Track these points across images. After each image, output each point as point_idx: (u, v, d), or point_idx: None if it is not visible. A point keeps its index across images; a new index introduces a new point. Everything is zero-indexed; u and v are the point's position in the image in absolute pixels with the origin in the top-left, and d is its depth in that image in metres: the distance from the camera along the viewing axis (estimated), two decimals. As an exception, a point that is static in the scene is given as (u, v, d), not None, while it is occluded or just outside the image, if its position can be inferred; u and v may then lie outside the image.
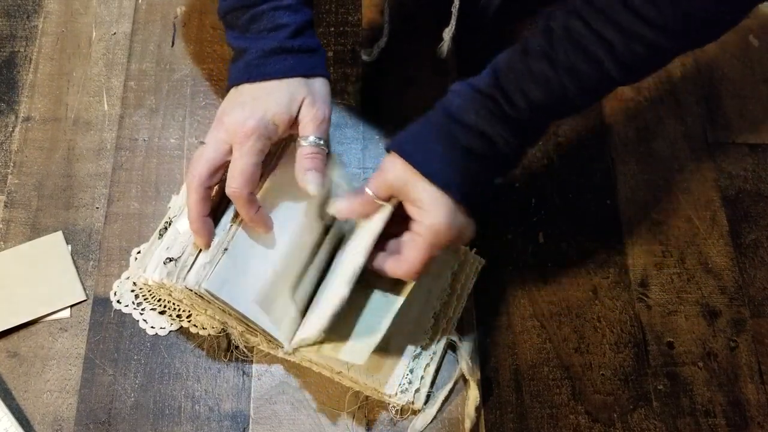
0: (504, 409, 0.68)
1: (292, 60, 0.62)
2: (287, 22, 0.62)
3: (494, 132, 0.57)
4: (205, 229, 0.61)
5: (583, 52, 0.55)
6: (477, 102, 0.58)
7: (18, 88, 0.80)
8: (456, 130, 0.58)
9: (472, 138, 0.58)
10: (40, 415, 0.65)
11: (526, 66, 0.57)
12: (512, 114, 0.57)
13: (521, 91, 0.57)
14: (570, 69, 0.55)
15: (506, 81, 0.57)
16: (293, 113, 0.62)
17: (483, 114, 0.57)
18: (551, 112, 0.59)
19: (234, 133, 0.60)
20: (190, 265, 0.62)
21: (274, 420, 0.66)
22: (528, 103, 0.57)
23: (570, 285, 0.73)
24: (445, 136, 0.58)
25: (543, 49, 0.56)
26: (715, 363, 0.71)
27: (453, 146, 0.58)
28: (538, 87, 0.56)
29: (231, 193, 0.60)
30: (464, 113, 0.58)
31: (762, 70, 0.86)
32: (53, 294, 0.70)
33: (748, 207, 0.79)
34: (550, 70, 0.56)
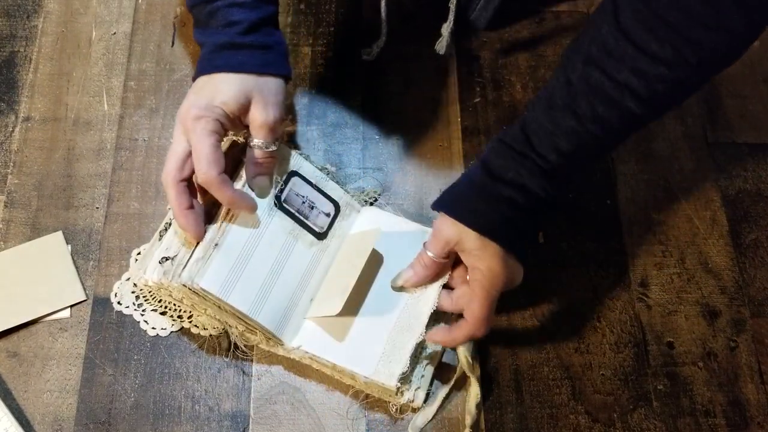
0: (504, 409, 0.68)
1: (242, 56, 0.63)
2: (239, 19, 0.64)
3: (535, 186, 0.60)
4: (190, 222, 0.62)
5: (606, 101, 0.56)
6: (514, 161, 0.61)
7: (18, 88, 0.80)
8: (498, 186, 0.61)
9: (515, 193, 0.60)
10: (40, 415, 0.65)
11: (552, 123, 0.59)
12: (547, 168, 0.60)
13: (552, 147, 0.59)
14: (596, 119, 0.57)
15: (537, 140, 0.60)
16: (242, 103, 0.63)
17: (522, 172, 0.60)
18: (585, 157, 0.62)
19: (185, 122, 0.62)
20: (185, 262, 0.62)
21: (274, 420, 0.66)
22: (562, 156, 0.59)
23: (570, 285, 0.74)
24: (488, 193, 0.61)
25: (565, 102, 0.58)
26: (715, 363, 0.71)
27: (497, 200, 0.61)
28: (568, 140, 0.59)
29: (202, 181, 0.61)
30: (505, 172, 0.61)
31: (762, 70, 0.86)
32: (53, 294, 0.70)
33: (748, 207, 0.79)
34: (576, 123, 0.58)
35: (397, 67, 0.83)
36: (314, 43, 0.84)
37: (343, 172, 0.77)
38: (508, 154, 0.61)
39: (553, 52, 0.85)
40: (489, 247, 0.61)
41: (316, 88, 0.81)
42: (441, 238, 0.63)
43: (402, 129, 0.80)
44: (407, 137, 0.80)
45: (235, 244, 0.63)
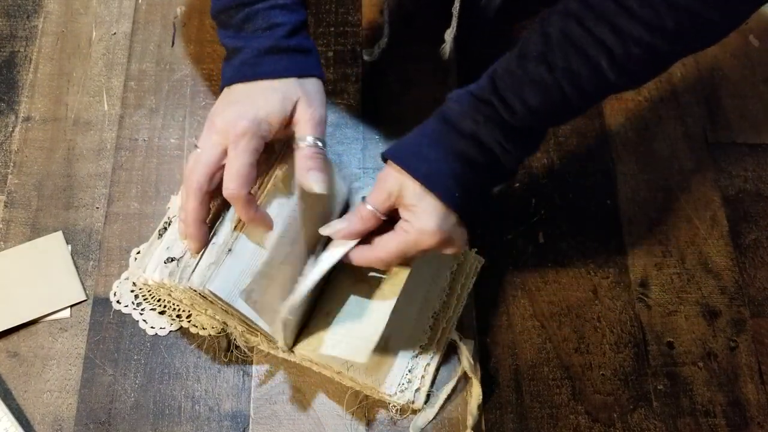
0: (504, 409, 0.68)
1: (287, 60, 0.62)
2: (283, 21, 0.62)
3: (491, 139, 0.57)
4: (200, 234, 0.61)
5: (581, 56, 0.54)
6: (474, 108, 0.57)
7: (18, 88, 0.80)
8: (452, 136, 0.58)
9: (468, 145, 0.57)
10: (40, 415, 0.65)
11: (523, 70, 0.56)
12: (510, 120, 0.57)
13: (519, 97, 0.56)
14: (568, 73, 0.55)
15: (503, 86, 0.57)
16: (287, 112, 0.61)
17: (480, 120, 0.57)
18: (549, 118, 0.59)
19: (227, 133, 0.59)
20: (194, 266, 0.61)
21: (274, 420, 0.66)
22: (526, 108, 0.56)
23: (570, 285, 0.74)
24: (440, 141, 0.58)
25: (540, 53, 0.56)
26: (715, 363, 0.71)
27: (447, 152, 0.58)
28: (536, 92, 0.56)
29: (228, 195, 0.59)
30: (461, 119, 0.58)
31: (762, 70, 0.86)
32: (53, 294, 0.70)
33: (748, 207, 0.79)
34: (547, 74, 0.55)
35: (397, 67, 0.83)
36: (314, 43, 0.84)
37: (343, 172, 0.77)
38: (468, 100, 0.57)
39: (553, 52, 0.85)
40: (427, 200, 0.57)
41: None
42: (382, 189, 0.59)
43: (402, 129, 0.79)
44: (407, 137, 0.79)
45: (246, 251, 0.62)
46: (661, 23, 0.52)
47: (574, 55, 0.54)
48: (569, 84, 0.55)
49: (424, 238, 0.58)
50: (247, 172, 0.59)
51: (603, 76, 0.55)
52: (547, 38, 0.56)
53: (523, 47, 0.57)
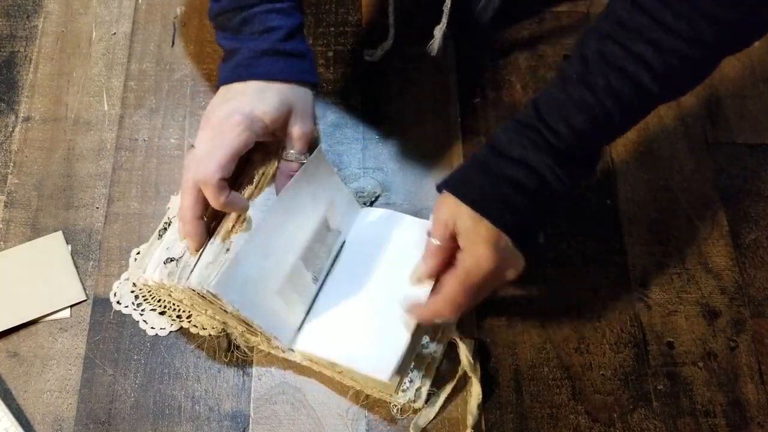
0: (504, 409, 0.68)
1: (283, 63, 0.62)
2: (279, 25, 0.63)
3: (539, 163, 0.57)
4: (197, 232, 0.61)
5: (620, 73, 0.55)
6: (520, 134, 0.58)
7: (18, 88, 0.80)
8: (501, 162, 0.58)
9: (517, 170, 0.58)
10: (40, 415, 0.65)
11: (565, 94, 0.57)
12: (556, 144, 0.57)
13: (563, 120, 0.57)
14: (609, 91, 0.55)
15: (547, 111, 0.57)
16: (282, 116, 0.62)
17: (527, 145, 0.57)
18: (598, 138, 0.60)
19: (220, 126, 0.60)
20: (193, 265, 0.61)
21: (274, 420, 0.66)
22: (571, 130, 0.57)
23: (570, 285, 0.73)
24: (489, 169, 0.59)
25: (580, 75, 0.56)
26: (715, 363, 0.71)
27: (498, 178, 0.58)
28: (580, 113, 0.56)
29: (200, 179, 0.59)
30: (508, 146, 0.58)
31: (762, 70, 0.86)
32: (53, 294, 0.70)
33: (748, 207, 0.79)
34: (589, 95, 0.56)
35: (397, 67, 0.83)
36: (314, 43, 0.84)
37: (343, 172, 0.77)
38: (515, 128, 0.58)
39: (553, 52, 0.85)
40: (481, 227, 0.58)
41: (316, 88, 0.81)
42: (439, 219, 0.60)
43: (402, 129, 0.80)
44: (407, 137, 0.80)
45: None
46: (700, 35, 0.52)
47: (613, 72, 0.55)
48: (612, 102, 0.56)
49: (481, 263, 0.58)
50: (226, 160, 0.59)
51: (646, 90, 0.55)
52: (584, 60, 0.56)
53: (562, 72, 0.58)
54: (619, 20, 0.55)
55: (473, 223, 0.58)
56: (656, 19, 0.53)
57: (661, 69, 0.54)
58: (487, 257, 0.58)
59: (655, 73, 0.54)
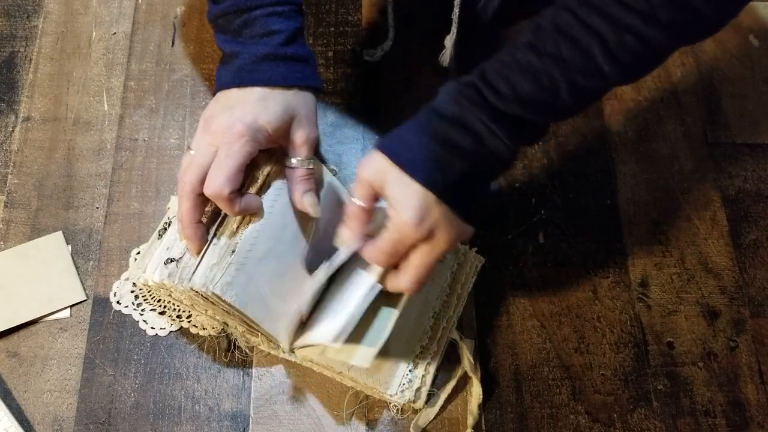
0: (504, 409, 0.68)
1: (284, 68, 0.62)
2: (280, 29, 0.62)
3: (475, 121, 0.55)
4: (197, 236, 0.61)
5: (571, 42, 0.53)
6: (458, 93, 0.56)
7: (18, 88, 0.80)
8: (437, 122, 0.56)
9: (452, 129, 0.55)
10: (40, 415, 0.65)
11: (511, 58, 0.55)
12: (497, 104, 0.55)
13: (506, 81, 0.55)
14: (558, 59, 0.53)
15: (491, 72, 0.56)
16: (286, 124, 0.61)
17: (464, 103, 0.55)
18: (542, 108, 0.56)
19: (222, 136, 0.59)
20: (195, 266, 0.61)
21: (274, 420, 0.66)
22: (513, 91, 0.55)
23: (570, 285, 0.74)
24: (425, 129, 0.56)
25: (529, 41, 0.55)
26: (715, 363, 0.71)
27: (430, 137, 0.56)
28: (525, 77, 0.54)
29: (210, 193, 0.59)
30: (445, 105, 0.56)
31: (762, 70, 0.86)
32: (53, 294, 0.70)
33: (748, 207, 0.79)
34: (536, 60, 0.54)
35: (397, 67, 0.83)
36: (314, 43, 0.84)
37: (343, 172, 0.77)
38: (454, 87, 0.56)
39: (553, 52, 0.85)
40: (410, 187, 0.55)
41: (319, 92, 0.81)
42: (363, 179, 0.57)
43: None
44: (407, 137, 0.79)
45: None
46: (654, 14, 0.51)
47: (564, 42, 0.53)
48: (560, 71, 0.54)
49: (407, 229, 0.55)
50: (234, 174, 0.59)
51: (596, 66, 0.53)
52: (538, 28, 0.55)
53: (514, 42, 0.57)
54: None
55: (401, 183, 0.55)
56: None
57: (614, 45, 0.52)
58: (414, 224, 0.55)
59: (608, 49, 0.53)
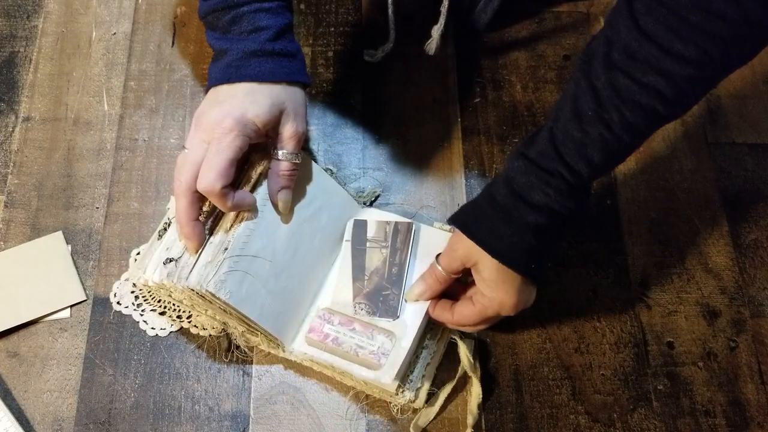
0: (504, 409, 0.68)
1: (272, 63, 0.62)
2: (268, 25, 0.62)
3: (561, 207, 0.58)
4: (195, 234, 0.61)
5: (635, 106, 0.55)
6: (542, 180, 0.58)
7: (18, 88, 0.80)
8: (523, 210, 0.58)
9: (539, 216, 0.58)
10: (40, 415, 0.65)
11: (583, 133, 0.57)
12: (576, 183, 0.58)
13: (584, 160, 0.57)
14: (625, 125, 0.56)
15: (567, 152, 0.57)
16: (274, 117, 0.62)
17: (551, 194, 0.58)
18: (610, 167, 0.61)
19: (212, 131, 0.60)
20: (192, 265, 0.61)
21: (274, 420, 0.66)
22: (590, 168, 0.57)
23: (570, 285, 0.74)
24: (511, 216, 0.59)
25: (595, 112, 0.56)
26: (715, 363, 0.71)
27: (521, 226, 0.59)
28: (598, 150, 0.57)
29: (202, 189, 0.59)
30: (531, 192, 0.58)
31: (762, 70, 0.86)
32: (53, 294, 0.70)
33: (748, 207, 0.79)
34: (607, 132, 0.56)
35: (397, 67, 0.83)
36: (314, 43, 0.84)
37: (343, 172, 0.77)
38: (535, 171, 0.58)
39: (553, 52, 0.85)
40: (507, 279, 0.60)
41: (316, 88, 0.81)
42: (456, 258, 0.62)
43: (402, 129, 0.80)
44: (407, 137, 0.80)
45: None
46: (709, 57, 0.52)
47: (627, 106, 0.55)
48: (628, 134, 0.57)
49: (505, 309, 0.62)
50: (225, 168, 0.59)
51: (658, 116, 0.56)
52: (596, 94, 0.56)
53: (576, 106, 0.57)
54: (627, 50, 0.54)
55: (498, 276, 0.60)
56: (665, 48, 0.53)
57: (673, 96, 0.54)
58: (511, 303, 0.61)
59: (667, 100, 0.55)
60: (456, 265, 0.62)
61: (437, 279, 0.64)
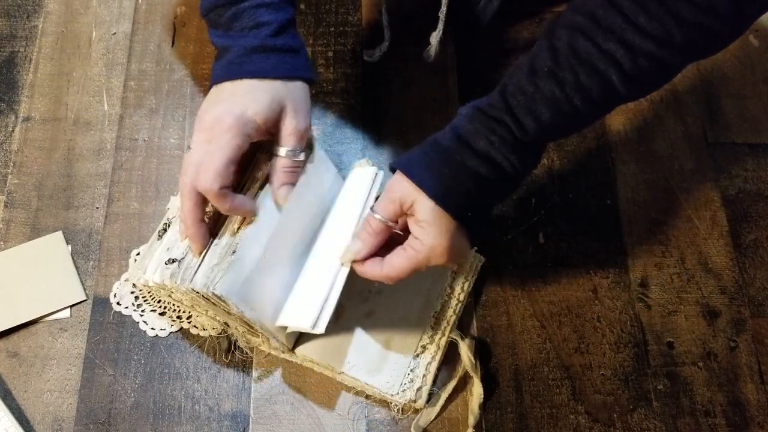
0: (504, 409, 0.68)
1: (274, 59, 0.62)
2: (268, 20, 0.62)
3: (503, 158, 0.58)
4: (200, 235, 0.61)
5: (591, 70, 0.55)
6: (488, 127, 0.58)
7: (18, 88, 0.80)
8: (465, 154, 0.58)
9: (481, 164, 0.58)
10: (40, 415, 0.65)
11: (534, 87, 0.57)
12: (522, 138, 0.58)
13: (532, 115, 0.57)
14: (578, 87, 0.56)
15: (516, 104, 0.57)
16: (275, 114, 0.61)
17: (494, 140, 0.58)
18: (558, 131, 0.60)
19: (211, 130, 0.59)
20: (197, 267, 0.61)
21: (274, 420, 0.66)
22: (538, 124, 0.57)
23: (570, 285, 0.74)
24: (453, 159, 0.58)
25: (550, 69, 0.56)
26: (715, 363, 0.71)
27: (461, 169, 0.58)
28: (548, 107, 0.57)
29: (201, 189, 0.59)
30: (475, 138, 0.58)
31: (762, 70, 0.86)
32: (53, 294, 0.70)
33: (748, 207, 0.79)
34: (558, 90, 0.56)
35: (397, 67, 0.83)
36: (314, 43, 0.84)
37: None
38: (482, 119, 0.58)
39: (553, 52, 0.85)
40: (441, 221, 0.58)
41: (316, 88, 0.81)
42: (394, 199, 0.59)
43: (402, 129, 0.80)
44: (407, 137, 0.80)
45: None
46: (670, 37, 0.53)
47: (583, 69, 0.55)
48: (580, 98, 0.56)
49: (436, 254, 0.59)
50: (224, 167, 0.59)
51: (613, 89, 0.56)
52: (555, 53, 0.56)
53: (532, 62, 0.58)
54: (592, 16, 0.55)
55: (434, 216, 0.58)
56: (630, 19, 0.53)
57: (630, 69, 0.54)
58: (443, 247, 0.59)
59: (624, 73, 0.55)
60: (393, 208, 0.60)
61: (374, 230, 0.61)
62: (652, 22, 0.53)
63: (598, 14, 0.55)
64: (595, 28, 0.55)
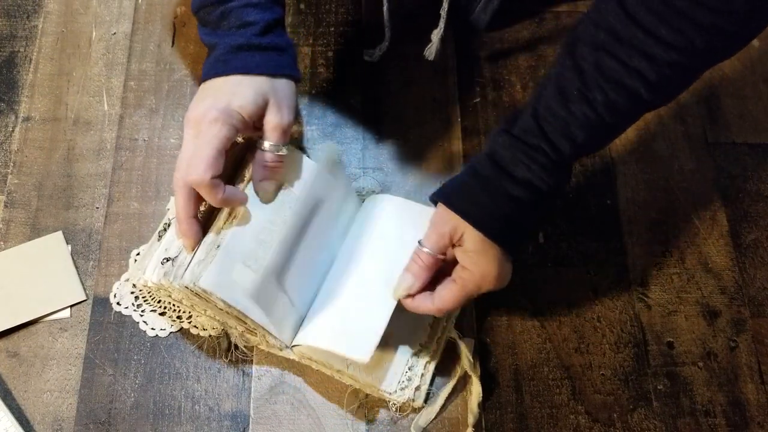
0: (504, 409, 0.68)
1: (259, 57, 0.63)
2: (255, 20, 0.63)
3: (541, 182, 0.59)
4: (192, 231, 0.62)
5: (618, 87, 0.56)
6: (525, 154, 0.59)
7: (18, 88, 0.80)
8: (505, 182, 0.59)
9: (521, 190, 0.59)
10: (40, 415, 0.65)
11: (567, 111, 0.57)
12: (557, 160, 0.59)
13: (566, 137, 0.58)
14: (607, 104, 0.56)
15: (551, 129, 0.58)
16: (259, 108, 0.62)
17: (532, 167, 0.58)
18: (591, 148, 0.61)
19: (199, 124, 0.60)
20: (187, 264, 0.62)
21: (274, 420, 0.66)
22: (573, 146, 0.58)
23: (570, 285, 0.74)
24: (494, 188, 0.59)
25: (579, 91, 0.57)
26: (715, 363, 0.71)
27: (502, 197, 0.59)
28: (582, 130, 0.57)
29: (191, 181, 0.60)
30: (513, 166, 0.59)
31: (762, 70, 0.86)
32: (53, 294, 0.70)
33: (748, 207, 0.79)
34: (590, 111, 0.57)
35: (397, 67, 0.83)
36: (314, 43, 0.84)
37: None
38: (518, 146, 0.59)
39: (553, 52, 0.85)
40: (489, 251, 0.60)
41: (316, 88, 0.81)
42: (442, 233, 0.60)
43: (402, 129, 0.80)
44: (407, 137, 0.80)
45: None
46: (692, 45, 0.53)
47: (611, 87, 0.56)
48: (610, 115, 0.57)
49: (486, 282, 0.61)
50: (212, 158, 0.59)
51: (640, 100, 0.56)
52: (582, 74, 0.57)
53: (559, 84, 0.58)
54: (613, 31, 0.55)
55: (482, 248, 0.60)
56: (650, 32, 0.54)
57: (656, 80, 0.55)
58: (493, 275, 0.60)
59: (650, 84, 0.55)
60: (443, 242, 0.61)
61: (423, 263, 0.61)
62: (672, 32, 0.53)
63: (618, 30, 0.55)
64: (618, 45, 0.55)
